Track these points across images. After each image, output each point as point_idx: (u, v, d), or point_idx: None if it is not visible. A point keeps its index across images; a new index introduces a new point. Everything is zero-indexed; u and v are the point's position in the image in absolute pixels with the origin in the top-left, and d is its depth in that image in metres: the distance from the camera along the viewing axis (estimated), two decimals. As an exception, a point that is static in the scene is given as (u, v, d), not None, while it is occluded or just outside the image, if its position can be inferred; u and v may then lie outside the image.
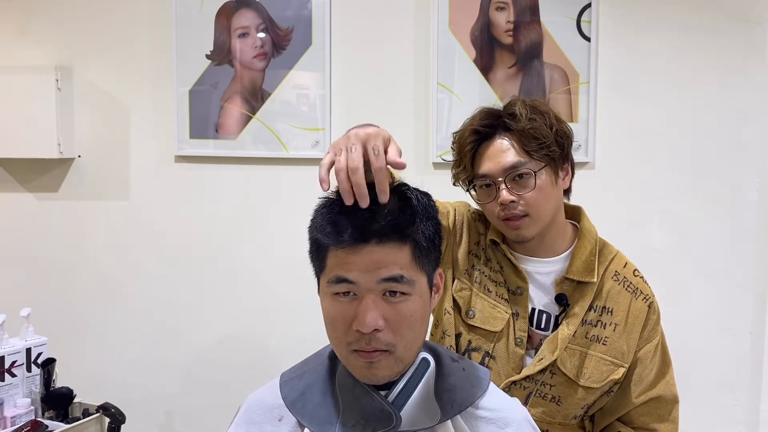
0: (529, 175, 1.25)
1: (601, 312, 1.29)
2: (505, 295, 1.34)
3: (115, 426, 1.69)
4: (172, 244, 2.40)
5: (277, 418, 1.00)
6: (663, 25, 2.15)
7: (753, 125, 2.14)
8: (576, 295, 1.29)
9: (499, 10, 2.20)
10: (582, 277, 1.29)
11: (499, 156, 1.26)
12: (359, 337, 0.91)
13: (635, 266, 1.35)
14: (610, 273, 1.31)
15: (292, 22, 2.28)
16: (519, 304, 1.32)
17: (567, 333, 1.27)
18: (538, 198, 1.25)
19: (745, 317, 2.17)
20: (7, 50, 2.41)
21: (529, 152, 1.25)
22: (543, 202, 1.26)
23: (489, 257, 1.38)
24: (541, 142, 1.25)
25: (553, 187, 1.28)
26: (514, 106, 1.28)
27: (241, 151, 2.33)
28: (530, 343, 1.32)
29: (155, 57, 2.36)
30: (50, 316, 2.27)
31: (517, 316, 1.32)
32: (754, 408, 2.16)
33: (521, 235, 1.28)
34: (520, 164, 1.25)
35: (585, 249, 1.31)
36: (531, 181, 1.25)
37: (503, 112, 1.29)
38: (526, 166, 1.25)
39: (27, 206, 2.46)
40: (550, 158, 1.27)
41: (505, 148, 1.27)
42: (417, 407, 0.95)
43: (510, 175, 1.25)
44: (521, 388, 1.29)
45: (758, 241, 2.15)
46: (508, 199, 1.25)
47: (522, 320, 1.32)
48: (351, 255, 0.90)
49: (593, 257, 1.30)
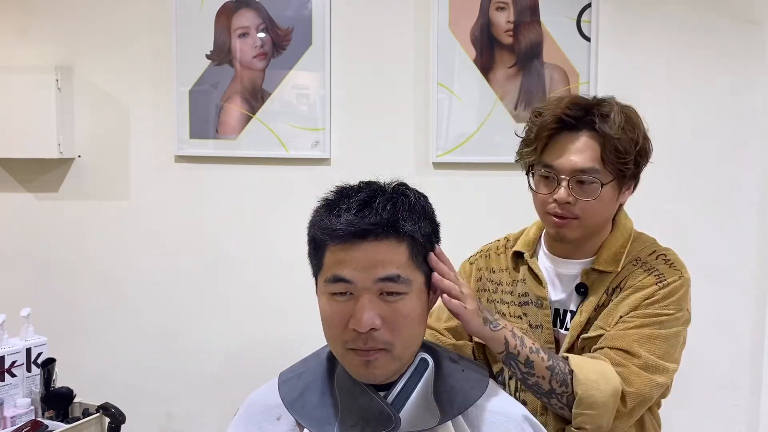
0: (596, 185, 1.19)
1: (612, 292, 1.25)
2: (518, 313, 1.32)
3: (115, 426, 1.69)
4: (172, 244, 2.40)
5: (276, 417, 1.00)
6: (663, 26, 2.14)
7: (753, 125, 2.13)
8: (596, 285, 1.26)
9: (499, 10, 2.20)
10: (606, 268, 1.25)
11: (574, 154, 1.20)
12: (356, 337, 0.91)
13: (666, 252, 1.28)
14: (633, 260, 1.26)
15: (292, 22, 2.28)
16: (541, 316, 1.30)
17: (579, 321, 1.25)
18: (595, 208, 1.21)
19: (745, 317, 2.16)
20: (7, 50, 2.42)
21: (605, 161, 1.19)
22: (598, 213, 1.23)
23: (500, 280, 1.37)
24: (622, 157, 1.19)
25: (613, 200, 1.24)
26: (610, 108, 1.21)
27: (241, 151, 2.33)
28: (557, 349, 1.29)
29: (155, 57, 2.36)
30: (50, 316, 2.27)
31: (540, 328, 1.29)
32: (754, 408, 2.16)
33: (562, 234, 1.24)
34: (591, 170, 1.19)
35: (616, 242, 1.28)
36: (595, 191, 1.20)
37: (596, 110, 1.21)
38: (597, 174, 1.19)
39: (27, 206, 2.46)
40: (622, 173, 1.21)
41: (583, 148, 1.20)
42: (416, 408, 0.95)
43: (576, 178, 1.20)
44: None
45: (758, 241, 2.15)
46: (565, 200, 1.20)
47: (546, 332, 1.29)
48: (348, 252, 0.90)
49: (623, 249, 1.27)
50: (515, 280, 1.35)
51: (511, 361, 1.11)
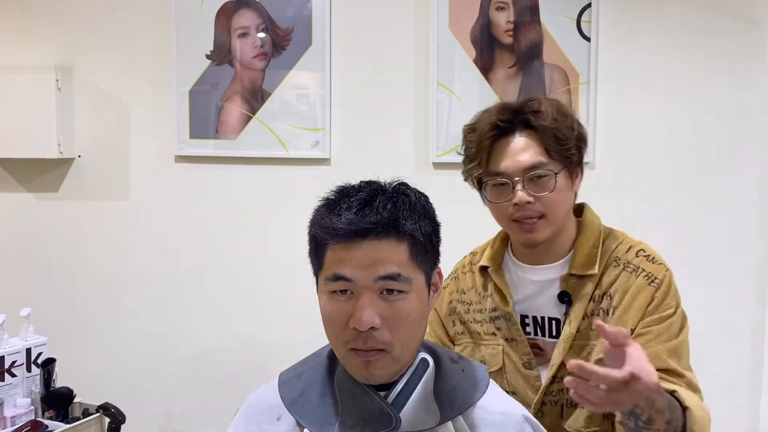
0: (549, 177, 1.20)
1: (600, 300, 1.24)
2: (491, 330, 1.32)
3: (115, 426, 1.69)
4: (172, 244, 2.40)
5: (276, 417, 1.00)
6: (663, 25, 2.14)
7: (753, 125, 2.13)
8: (578, 291, 1.25)
9: (499, 10, 2.20)
10: (584, 271, 1.25)
11: (519, 154, 1.21)
12: (356, 336, 0.91)
13: (642, 246, 1.28)
14: (612, 260, 1.26)
15: (292, 22, 2.28)
16: (512, 329, 1.29)
17: (570, 332, 1.24)
18: (556, 200, 1.21)
19: (745, 317, 2.16)
20: (7, 50, 2.42)
21: (550, 152, 1.21)
22: (560, 205, 1.23)
23: (470, 300, 1.37)
24: (564, 144, 1.21)
25: (568, 190, 1.25)
26: (539, 104, 1.23)
27: (241, 151, 2.33)
28: (544, 357, 1.29)
29: (155, 57, 2.36)
30: (50, 316, 2.26)
31: (515, 341, 1.29)
32: (754, 408, 2.16)
33: (533, 238, 1.23)
34: (541, 164, 1.20)
35: (587, 242, 1.27)
36: (551, 183, 1.20)
37: (526, 109, 1.23)
38: (547, 166, 1.20)
39: (27, 206, 2.46)
40: (569, 161, 1.23)
41: (525, 146, 1.21)
42: (416, 408, 0.94)
43: (529, 175, 1.20)
44: (551, 404, 1.26)
45: (758, 241, 2.15)
46: (525, 200, 1.20)
47: (522, 344, 1.29)
48: (348, 250, 0.90)
49: (596, 249, 1.26)
50: (484, 296, 1.35)
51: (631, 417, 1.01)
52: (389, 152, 2.25)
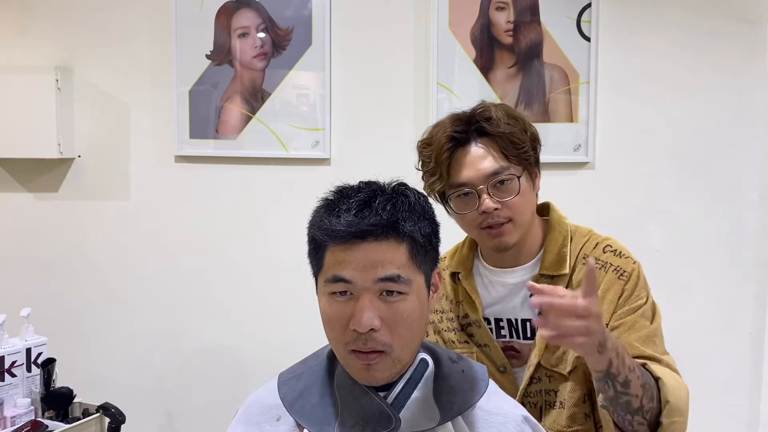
0: (512, 180, 1.23)
1: None
2: (464, 338, 1.33)
3: (115, 426, 1.69)
4: (172, 244, 2.40)
5: (276, 418, 1.00)
6: (663, 25, 2.14)
7: (753, 125, 2.13)
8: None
9: (499, 10, 2.20)
10: (555, 271, 1.26)
11: (478, 163, 1.23)
12: (356, 337, 0.91)
13: (609, 242, 1.30)
14: (581, 258, 1.27)
15: (292, 22, 2.28)
16: (483, 336, 1.31)
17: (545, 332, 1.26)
18: (521, 203, 1.24)
19: (745, 317, 2.16)
20: (7, 50, 2.41)
21: (509, 157, 1.23)
22: (525, 207, 1.25)
23: (442, 308, 1.37)
24: (519, 147, 1.23)
25: (531, 191, 1.27)
26: (489, 111, 1.25)
27: (241, 151, 2.33)
28: (521, 359, 1.30)
29: (155, 57, 2.36)
30: (50, 316, 2.26)
31: (488, 347, 1.31)
32: (754, 408, 2.16)
33: (504, 242, 1.25)
34: (502, 170, 1.22)
35: (556, 241, 1.29)
36: (515, 186, 1.23)
37: (477, 117, 1.25)
38: (509, 171, 1.23)
39: (27, 206, 2.46)
40: (527, 162, 1.25)
41: (484, 154, 1.23)
42: (416, 409, 0.95)
43: (492, 182, 1.22)
44: (531, 406, 1.27)
45: (758, 241, 2.15)
46: (492, 207, 1.21)
47: (494, 349, 1.30)
48: (348, 252, 0.90)
49: (565, 248, 1.28)
50: (455, 302, 1.36)
51: (609, 380, 1.04)
52: (389, 152, 2.25)
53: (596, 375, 1.05)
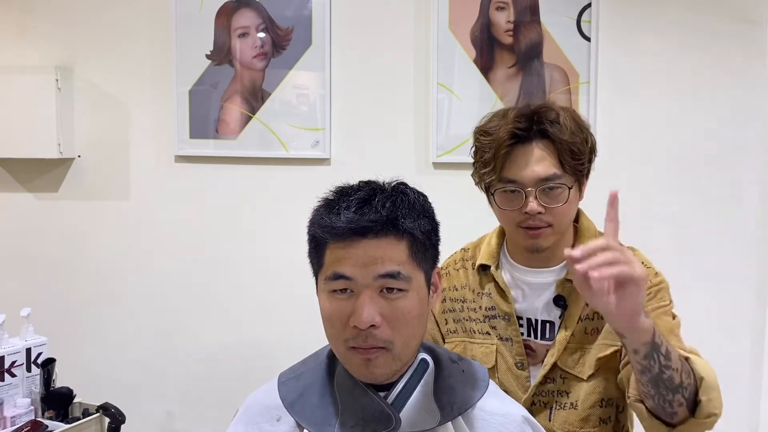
0: (563, 190, 1.21)
1: None
2: (485, 329, 1.33)
3: (115, 426, 1.69)
4: (171, 244, 2.40)
5: (276, 418, 1.00)
6: (663, 25, 2.14)
7: (753, 125, 2.13)
8: (574, 295, 1.26)
9: (499, 10, 2.20)
10: None
11: (534, 165, 1.21)
12: (356, 334, 0.91)
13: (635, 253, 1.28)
14: None
15: (292, 22, 2.28)
16: (510, 330, 1.30)
17: (565, 335, 1.26)
18: (565, 211, 1.23)
19: (745, 317, 2.16)
20: (7, 50, 2.42)
21: (565, 166, 1.21)
22: (568, 215, 1.25)
23: (463, 298, 1.37)
24: (577, 158, 1.22)
25: (576, 201, 1.27)
26: (557, 115, 1.23)
27: (241, 151, 2.33)
28: (535, 358, 1.30)
29: (155, 57, 2.36)
30: (50, 316, 2.27)
31: (510, 341, 1.30)
32: (755, 408, 2.16)
33: (538, 245, 1.24)
34: (555, 177, 1.21)
35: None
36: (563, 196, 1.21)
37: (543, 118, 1.23)
38: (561, 179, 1.21)
39: (27, 206, 2.46)
40: (581, 173, 1.24)
41: (541, 157, 1.21)
42: (416, 409, 0.95)
43: (542, 187, 1.21)
44: (540, 405, 1.27)
45: (758, 241, 2.15)
46: (537, 210, 1.20)
47: (517, 345, 1.30)
48: (348, 249, 0.90)
49: None
50: (480, 294, 1.35)
51: (654, 353, 1.00)
52: (389, 152, 2.26)
53: (644, 348, 1.00)
